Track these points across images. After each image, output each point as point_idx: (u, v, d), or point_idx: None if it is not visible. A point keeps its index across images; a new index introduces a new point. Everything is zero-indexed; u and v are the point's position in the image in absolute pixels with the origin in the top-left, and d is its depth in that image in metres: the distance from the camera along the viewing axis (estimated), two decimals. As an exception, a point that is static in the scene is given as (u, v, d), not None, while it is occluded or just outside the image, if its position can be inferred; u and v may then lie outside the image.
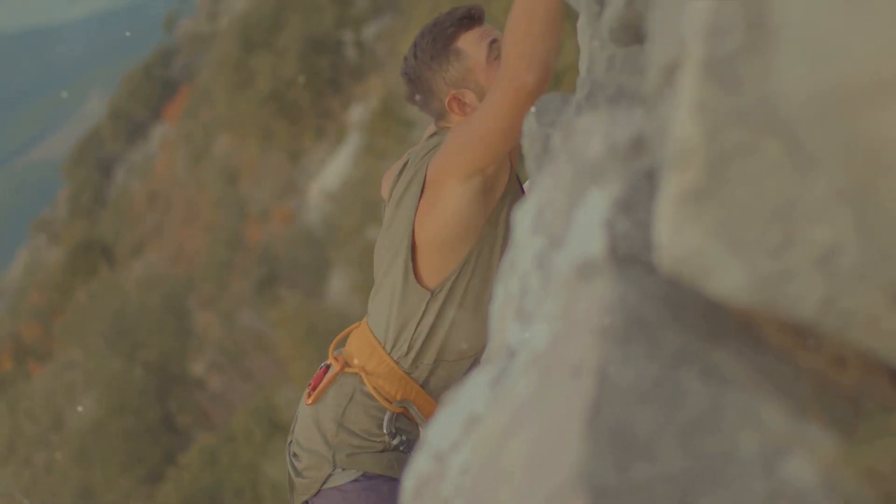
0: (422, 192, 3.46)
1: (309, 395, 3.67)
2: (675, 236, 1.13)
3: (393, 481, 3.54)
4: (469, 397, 1.41)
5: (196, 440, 26.49)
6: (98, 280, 36.32)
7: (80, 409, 29.91)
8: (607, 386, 1.12)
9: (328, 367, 3.69)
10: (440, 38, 3.50)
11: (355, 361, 3.63)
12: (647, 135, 1.30)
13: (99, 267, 39.06)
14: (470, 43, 3.49)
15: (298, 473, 3.66)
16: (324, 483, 3.59)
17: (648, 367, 1.14)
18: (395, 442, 3.58)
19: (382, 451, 3.58)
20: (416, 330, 3.54)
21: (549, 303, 1.33)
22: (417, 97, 3.58)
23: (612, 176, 1.30)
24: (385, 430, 3.57)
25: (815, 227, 1.03)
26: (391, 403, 3.58)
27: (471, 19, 3.52)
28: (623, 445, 1.08)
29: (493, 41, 3.48)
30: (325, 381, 3.65)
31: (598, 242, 1.26)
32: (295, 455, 3.68)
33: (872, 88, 0.84)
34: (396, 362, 3.57)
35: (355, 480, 3.56)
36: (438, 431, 1.42)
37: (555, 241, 1.36)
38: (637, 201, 1.28)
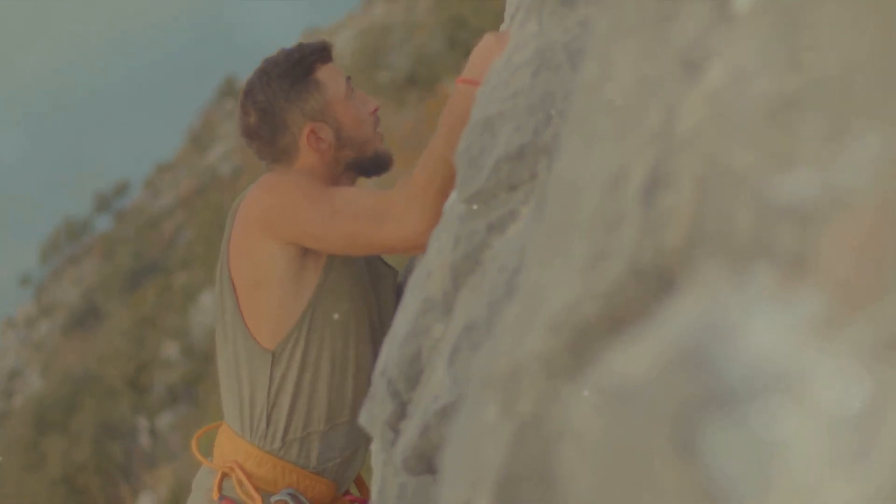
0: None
1: None
2: None
3: None
4: None
5: None
6: None
7: None
8: None
9: None
10: (300, 66, 3.26)
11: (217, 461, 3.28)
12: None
13: None
14: (328, 76, 3.30)
15: None
16: None
17: None
18: None
19: None
20: (268, 398, 3.20)
21: None
22: (262, 131, 3.28)
23: None
24: None
25: None
26: (270, 497, 3.19)
27: (328, 52, 3.33)
28: None
29: (349, 78, 3.33)
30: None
31: None
32: None
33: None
34: (262, 448, 3.22)
35: None
36: None
37: None
38: None
